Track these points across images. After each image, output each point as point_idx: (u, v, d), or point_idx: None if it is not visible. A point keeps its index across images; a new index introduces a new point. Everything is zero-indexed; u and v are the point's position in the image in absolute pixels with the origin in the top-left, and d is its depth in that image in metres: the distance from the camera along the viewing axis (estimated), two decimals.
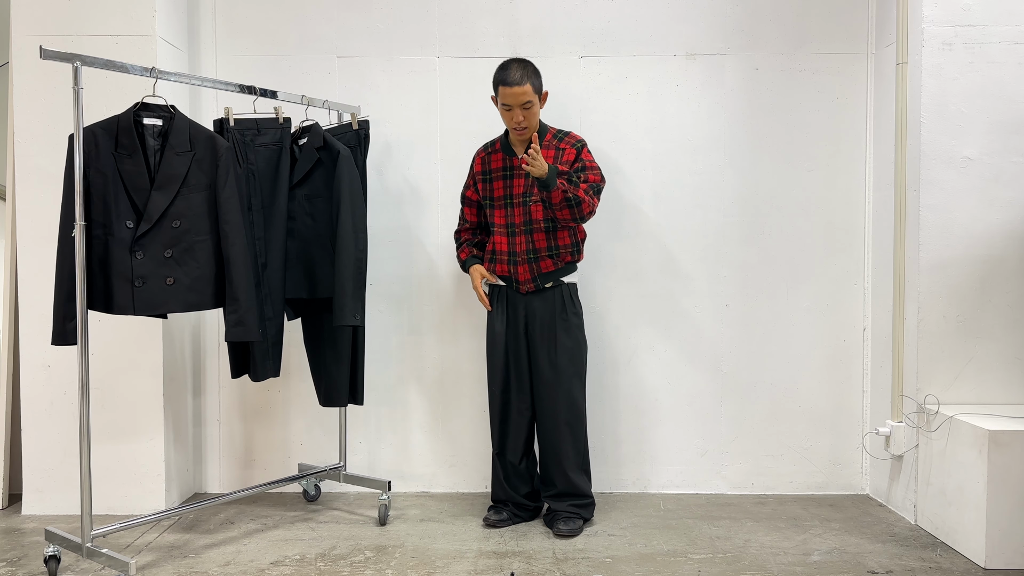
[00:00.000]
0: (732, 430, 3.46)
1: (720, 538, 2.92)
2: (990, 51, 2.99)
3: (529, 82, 2.83)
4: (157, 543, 2.87)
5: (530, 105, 2.86)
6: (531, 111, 2.87)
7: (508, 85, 2.83)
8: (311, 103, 3.05)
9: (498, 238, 3.01)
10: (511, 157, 2.99)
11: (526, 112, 2.86)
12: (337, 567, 2.65)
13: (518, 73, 2.83)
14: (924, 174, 3.00)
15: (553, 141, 2.98)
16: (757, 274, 3.44)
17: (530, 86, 2.84)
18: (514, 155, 2.98)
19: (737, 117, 3.41)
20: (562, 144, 2.97)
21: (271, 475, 3.42)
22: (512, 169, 2.98)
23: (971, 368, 3.01)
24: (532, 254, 2.95)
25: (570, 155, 2.95)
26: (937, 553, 2.78)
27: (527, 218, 2.95)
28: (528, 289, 2.97)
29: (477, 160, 3.07)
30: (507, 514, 3.03)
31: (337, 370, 3.02)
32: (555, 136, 2.99)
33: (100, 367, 3.10)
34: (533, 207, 2.94)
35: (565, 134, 3.00)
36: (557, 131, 3.02)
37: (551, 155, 2.94)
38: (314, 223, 2.99)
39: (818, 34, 3.39)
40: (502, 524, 3.00)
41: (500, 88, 2.85)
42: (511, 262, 2.97)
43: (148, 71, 2.62)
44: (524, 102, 2.84)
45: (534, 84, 2.86)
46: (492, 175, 3.02)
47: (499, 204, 3.00)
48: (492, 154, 3.04)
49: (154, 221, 2.59)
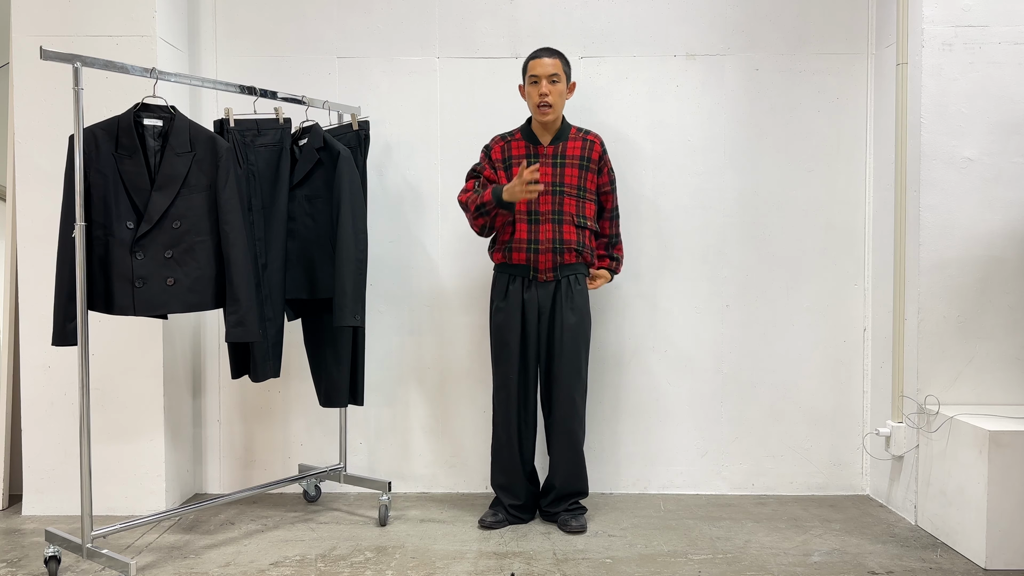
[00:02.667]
0: (732, 430, 3.46)
1: (720, 539, 2.91)
2: (990, 51, 2.99)
3: (559, 59, 2.94)
4: (157, 544, 2.87)
5: (557, 79, 2.91)
6: (556, 88, 2.92)
7: (538, 56, 2.93)
8: (311, 104, 3.05)
9: (520, 225, 2.95)
10: (535, 145, 3.00)
11: (551, 87, 2.90)
12: (337, 568, 2.65)
13: (549, 51, 2.96)
14: (924, 174, 3.00)
15: (579, 134, 3.03)
16: (757, 274, 3.44)
17: (559, 61, 2.93)
18: (538, 143, 3.00)
19: (737, 117, 3.42)
20: (589, 136, 3.04)
21: (271, 476, 3.42)
22: (538, 157, 2.98)
23: (971, 368, 3.01)
24: (558, 244, 2.93)
25: (597, 153, 3.02)
26: (937, 554, 2.77)
27: (557, 208, 2.94)
28: (547, 279, 2.95)
29: (496, 148, 3.04)
30: (503, 515, 3.02)
31: (337, 371, 3.02)
32: (579, 131, 3.05)
33: (100, 367, 3.10)
34: (567, 199, 2.95)
35: (588, 131, 3.07)
36: (579, 127, 3.07)
37: (578, 146, 3.00)
38: (314, 224, 2.98)
39: (818, 34, 3.39)
40: (499, 525, 3.00)
41: (529, 62, 2.95)
42: (532, 250, 2.94)
43: (148, 72, 2.62)
44: (551, 73, 2.90)
45: (563, 63, 2.95)
46: (513, 160, 3.00)
47: None
48: (512, 142, 3.03)
49: (154, 222, 2.59)
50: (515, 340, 2.96)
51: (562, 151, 2.98)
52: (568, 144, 2.99)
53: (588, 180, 2.99)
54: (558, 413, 2.99)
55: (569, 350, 2.95)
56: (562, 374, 2.96)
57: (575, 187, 2.96)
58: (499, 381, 3.03)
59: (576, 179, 2.97)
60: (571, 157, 2.98)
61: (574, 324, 2.95)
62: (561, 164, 2.97)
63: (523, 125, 3.05)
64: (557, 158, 2.98)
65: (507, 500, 3.04)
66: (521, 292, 2.97)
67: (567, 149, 2.99)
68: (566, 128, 3.03)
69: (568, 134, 3.01)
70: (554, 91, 2.91)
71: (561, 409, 2.98)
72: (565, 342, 2.95)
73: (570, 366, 2.96)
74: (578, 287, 2.98)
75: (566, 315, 2.94)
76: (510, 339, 2.97)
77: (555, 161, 2.97)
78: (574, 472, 3.04)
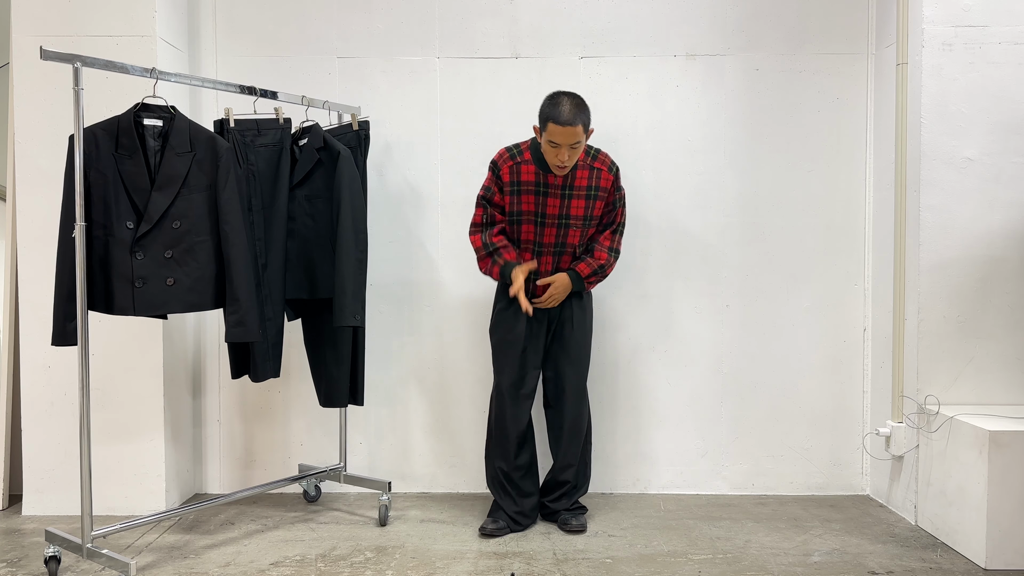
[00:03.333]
0: (732, 430, 3.46)
1: (720, 539, 2.91)
2: (990, 51, 2.99)
3: (581, 122, 2.70)
4: (157, 544, 2.87)
5: (578, 146, 2.75)
6: (576, 150, 2.76)
7: (560, 124, 2.69)
8: (311, 104, 3.05)
9: (523, 254, 2.94)
10: (545, 173, 2.86)
11: (572, 152, 2.76)
12: (337, 568, 2.64)
13: (571, 112, 2.69)
14: (924, 174, 3.00)
15: (587, 160, 2.89)
16: (757, 274, 3.44)
17: (581, 126, 2.70)
18: (548, 171, 2.85)
19: (737, 117, 3.42)
20: (596, 164, 2.90)
21: (271, 476, 3.42)
22: (547, 186, 2.87)
23: (971, 368, 3.01)
24: (556, 272, 2.95)
25: (607, 180, 2.89)
26: (937, 554, 2.77)
27: (561, 240, 2.91)
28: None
29: (505, 169, 2.88)
30: (504, 523, 2.97)
31: (337, 371, 3.02)
32: (587, 154, 2.90)
33: (100, 367, 3.10)
34: (572, 231, 2.90)
35: (596, 152, 2.93)
36: (587, 149, 2.91)
37: (586, 175, 2.88)
38: (314, 224, 2.98)
39: (818, 34, 3.39)
40: (500, 533, 2.94)
41: (549, 125, 2.71)
42: (530, 278, 2.94)
43: (148, 72, 2.62)
44: (574, 142, 2.72)
45: (584, 123, 2.72)
46: (522, 188, 2.88)
47: (527, 219, 2.89)
48: (522, 164, 2.88)
49: (154, 222, 2.59)
50: (518, 344, 2.96)
51: (571, 182, 2.87)
52: (576, 174, 2.88)
53: (596, 208, 2.91)
54: (568, 411, 3.01)
55: (575, 357, 3.00)
56: (569, 377, 3.00)
57: (581, 218, 2.90)
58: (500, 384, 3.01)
59: (583, 209, 2.89)
60: (579, 188, 2.88)
61: (578, 334, 2.99)
62: (569, 195, 2.87)
63: (532, 143, 2.92)
64: (566, 189, 2.87)
65: (507, 505, 3.00)
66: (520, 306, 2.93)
67: (575, 180, 2.88)
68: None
69: (577, 161, 2.88)
70: (574, 154, 2.77)
71: (571, 407, 3.01)
72: (571, 349, 2.99)
73: (576, 369, 3.00)
74: (580, 302, 3.00)
75: (572, 327, 2.98)
76: (513, 344, 2.96)
77: (563, 192, 2.87)
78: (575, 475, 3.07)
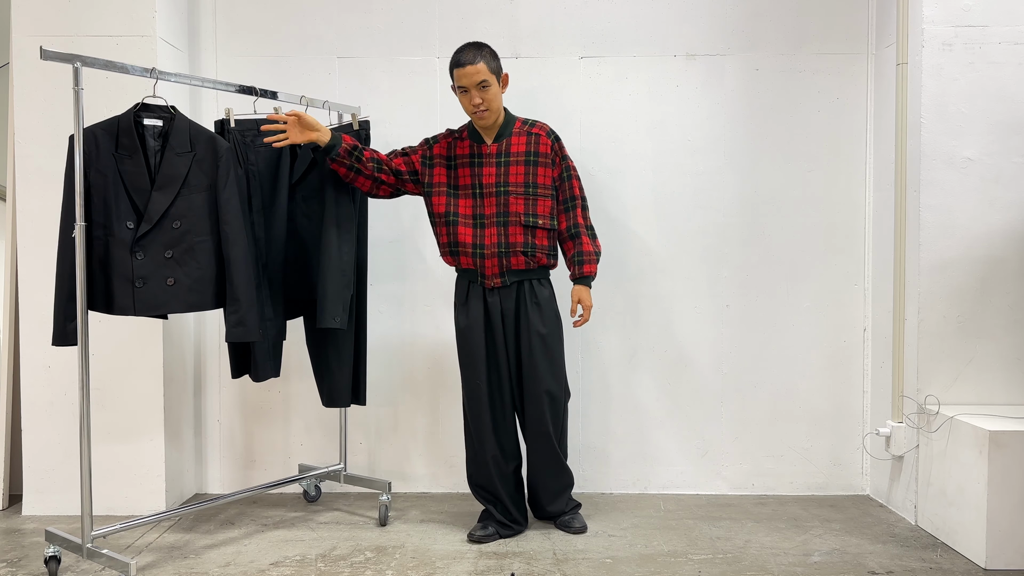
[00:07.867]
0: (732, 430, 3.46)
1: (720, 539, 2.91)
2: (990, 51, 2.99)
3: (483, 61, 2.75)
4: (157, 544, 2.87)
5: (486, 85, 2.76)
6: (489, 92, 2.77)
7: (461, 66, 2.76)
8: (311, 104, 3.05)
9: (461, 229, 2.85)
10: (479, 144, 2.88)
11: (483, 94, 2.76)
12: (337, 568, 2.65)
13: (471, 53, 2.76)
14: (924, 174, 3.00)
15: (524, 128, 2.89)
16: (757, 274, 3.44)
17: (484, 65, 2.75)
18: (483, 142, 2.87)
19: (737, 117, 3.42)
20: (534, 130, 2.89)
21: (271, 476, 3.42)
22: (481, 157, 2.86)
23: (971, 368, 3.01)
24: (504, 247, 2.82)
25: (546, 145, 2.87)
26: (937, 554, 2.78)
27: (502, 210, 2.83)
28: (494, 284, 2.85)
29: (442, 143, 2.92)
30: (492, 529, 2.91)
31: (339, 371, 3.02)
32: (524, 123, 2.91)
33: (100, 367, 3.10)
34: (512, 199, 2.83)
35: (535, 121, 2.93)
36: (524, 120, 2.93)
37: (523, 141, 2.86)
38: (310, 223, 2.99)
39: (818, 34, 3.39)
40: (488, 539, 2.89)
41: (455, 71, 2.78)
42: (476, 255, 2.84)
43: (148, 72, 2.62)
44: (479, 81, 2.75)
45: (489, 64, 2.77)
46: (457, 161, 2.89)
47: (464, 193, 2.87)
48: (458, 140, 2.91)
49: (154, 222, 2.59)
50: (480, 346, 2.87)
51: (506, 149, 2.86)
52: (512, 140, 2.87)
53: (539, 175, 2.85)
54: (530, 416, 2.89)
55: (539, 353, 2.85)
56: (534, 377, 2.86)
57: (522, 184, 2.83)
58: (468, 390, 2.93)
59: (523, 176, 2.84)
60: (515, 154, 2.85)
61: (542, 328, 2.85)
62: (505, 163, 2.85)
63: (470, 122, 2.93)
64: (500, 156, 2.85)
65: (494, 511, 2.94)
66: (483, 296, 2.88)
67: (511, 146, 2.86)
68: (510, 122, 2.90)
69: (512, 129, 2.88)
70: (487, 96, 2.77)
71: (533, 411, 2.88)
72: (535, 346, 2.85)
73: (543, 369, 2.86)
74: (542, 289, 2.89)
75: (533, 319, 2.84)
76: (475, 345, 2.88)
77: (499, 160, 2.85)
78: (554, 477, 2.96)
